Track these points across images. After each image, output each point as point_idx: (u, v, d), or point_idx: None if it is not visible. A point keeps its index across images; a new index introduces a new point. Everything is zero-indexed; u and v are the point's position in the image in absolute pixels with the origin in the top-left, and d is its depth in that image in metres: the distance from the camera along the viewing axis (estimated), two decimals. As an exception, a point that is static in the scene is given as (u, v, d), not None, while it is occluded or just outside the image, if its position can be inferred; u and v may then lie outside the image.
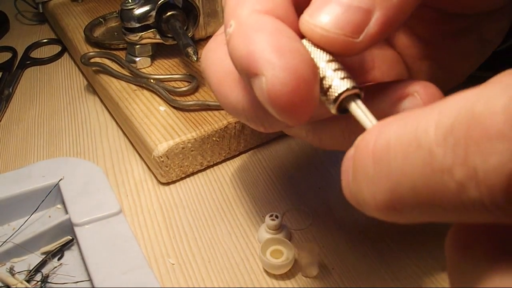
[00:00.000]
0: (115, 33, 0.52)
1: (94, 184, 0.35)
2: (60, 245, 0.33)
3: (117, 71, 0.44)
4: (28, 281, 0.30)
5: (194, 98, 0.40)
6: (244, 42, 0.19)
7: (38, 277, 0.31)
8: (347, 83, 0.19)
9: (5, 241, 0.32)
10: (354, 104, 0.19)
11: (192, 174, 0.38)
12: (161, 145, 0.35)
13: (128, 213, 0.35)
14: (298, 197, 0.35)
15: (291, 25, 0.19)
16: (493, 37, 0.27)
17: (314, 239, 0.32)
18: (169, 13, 0.44)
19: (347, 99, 0.19)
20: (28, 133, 0.45)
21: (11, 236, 0.33)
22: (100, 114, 0.46)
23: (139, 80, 0.43)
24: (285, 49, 0.18)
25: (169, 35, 0.45)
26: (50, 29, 0.64)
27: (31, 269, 0.31)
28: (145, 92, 0.42)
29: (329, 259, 0.30)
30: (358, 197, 0.16)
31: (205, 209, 0.35)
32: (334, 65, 0.19)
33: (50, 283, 0.30)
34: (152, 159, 0.36)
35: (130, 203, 0.35)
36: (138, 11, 0.43)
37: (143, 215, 0.34)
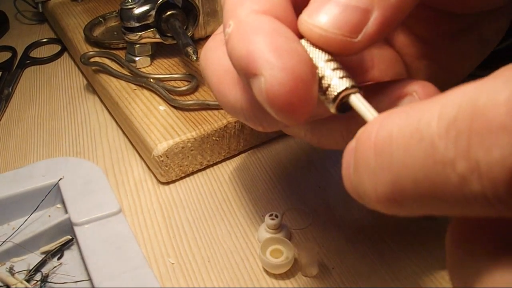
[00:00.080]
0: (115, 33, 0.52)
1: (94, 183, 0.35)
2: (60, 244, 0.33)
3: (117, 71, 0.44)
4: (27, 280, 0.30)
5: (194, 98, 0.40)
6: (243, 42, 0.19)
7: (38, 276, 0.31)
8: (346, 82, 0.19)
9: (4, 241, 0.32)
10: (355, 98, 0.18)
11: (192, 174, 0.38)
12: (160, 144, 0.35)
13: (128, 212, 0.35)
14: (298, 197, 0.35)
15: (289, 25, 0.19)
16: (492, 36, 0.26)
17: (314, 238, 0.32)
18: (168, 12, 0.44)
19: (346, 98, 0.19)
20: (28, 133, 0.45)
21: (10, 236, 0.33)
22: (100, 114, 0.46)
23: (139, 80, 0.43)
24: (283, 49, 0.18)
25: (168, 34, 0.45)
26: (49, 29, 0.64)
27: (30, 268, 0.31)
28: (145, 91, 0.42)
29: (329, 258, 0.30)
30: (359, 189, 0.16)
31: (205, 208, 0.35)
32: (333, 64, 0.19)
33: (50, 282, 0.30)
34: (152, 158, 0.36)
35: (130, 202, 0.35)
36: (138, 10, 0.43)
37: (143, 215, 0.34)
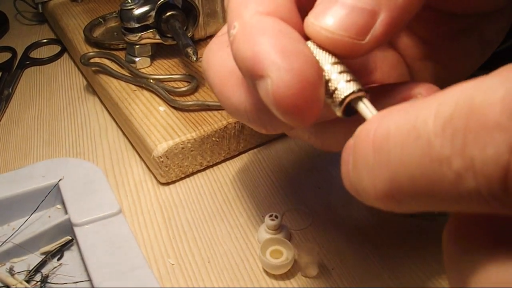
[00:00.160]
0: (115, 33, 0.52)
1: (94, 184, 0.35)
2: (60, 245, 0.33)
3: (117, 71, 0.44)
4: (27, 281, 0.30)
5: (194, 98, 0.40)
6: (249, 44, 0.18)
7: (38, 277, 0.31)
8: (353, 85, 0.19)
9: (4, 241, 0.32)
10: (361, 102, 0.18)
11: (192, 174, 0.38)
12: (160, 145, 0.35)
13: (128, 213, 0.35)
14: (298, 197, 0.35)
15: (294, 26, 0.19)
16: (493, 37, 0.27)
17: (314, 239, 0.32)
18: (168, 13, 0.44)
19: (353, 101, 0.19)
20: (28, 133, 0.45)
21: (11, 236, 0.33)
22: (100, 115, 0.46)
23: (139, 80, 0.43)
24: (289, 50, 0.18)
25: (168, 35, 0.45)
26: (49, 29, 0.64)
27: (30, 269, 0.31)
28: (145, 92, 0.42)
29: (329, 259, 0.30)
30: (358, 186, 0.16)
31: (204, 209, 0.35)
32: (339, 67, 0.19)
33: (50, 283, 0.30)
34: (152, 159, 0.36)
35: (130, 203, 0.35)
36: (138, 11, 0.43)
37: (142, 215, 0.34)
